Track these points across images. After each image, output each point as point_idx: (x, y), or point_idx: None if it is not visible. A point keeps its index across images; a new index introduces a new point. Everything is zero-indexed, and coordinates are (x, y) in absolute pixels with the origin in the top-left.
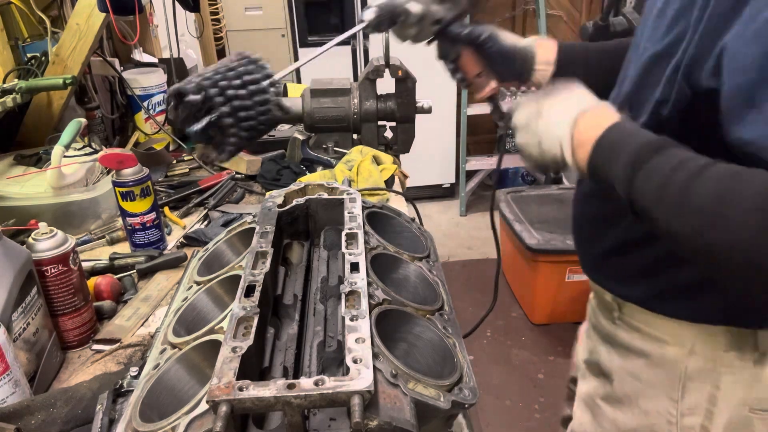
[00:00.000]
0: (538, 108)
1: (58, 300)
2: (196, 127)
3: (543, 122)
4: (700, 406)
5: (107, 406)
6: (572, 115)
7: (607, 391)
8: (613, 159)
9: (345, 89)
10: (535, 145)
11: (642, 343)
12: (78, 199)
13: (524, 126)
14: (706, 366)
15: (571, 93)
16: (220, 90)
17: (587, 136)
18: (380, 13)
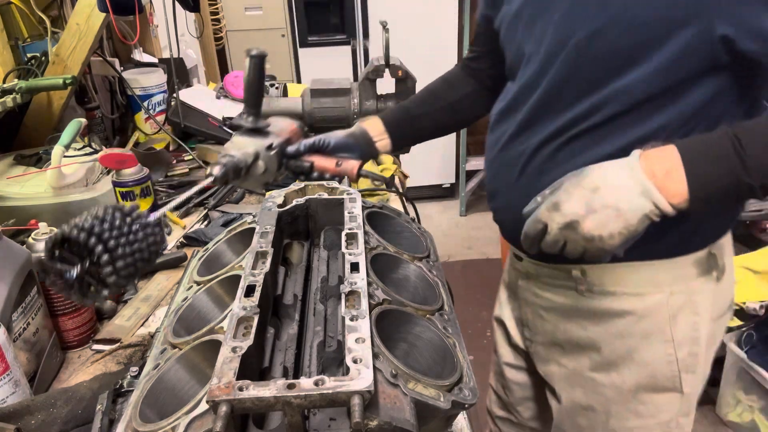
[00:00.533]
0: (589, 185)
1: (58, 300)
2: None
3: (608, 191)
4: (687, 336)
5: (107, 406)
6: (631, 164)
7: (596, 362)
8: (713, 160)
9: (345, 89)
10: (613, 218)
11: (621, 303)
12: (78, 199)
13: (587, 212)
14: (685, 300)
15: (601, 165)
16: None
17: (670, 168)
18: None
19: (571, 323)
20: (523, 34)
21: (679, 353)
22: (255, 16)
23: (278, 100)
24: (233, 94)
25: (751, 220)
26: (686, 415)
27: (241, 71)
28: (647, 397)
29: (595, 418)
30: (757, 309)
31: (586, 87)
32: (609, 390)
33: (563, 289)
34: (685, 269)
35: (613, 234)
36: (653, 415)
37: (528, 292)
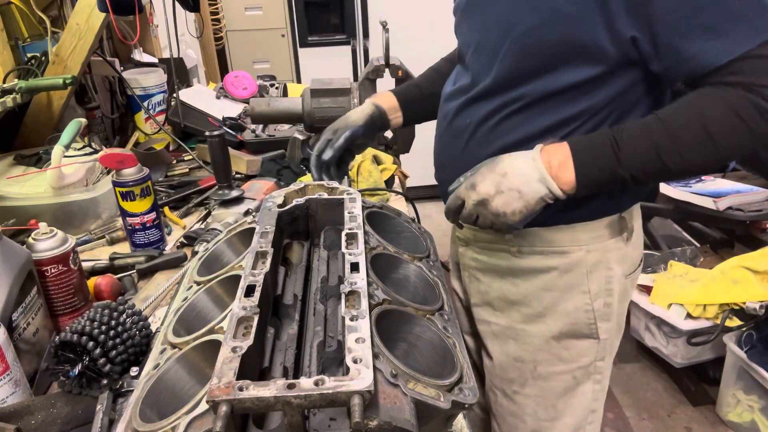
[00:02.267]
0: (499, 170)
1: (58, 300)
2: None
3: (514, 177)
4: (602, 288)
5: (107, 406)
6: (530, 154)
7: (525, 314)
8: (594, 155)
9: (345, 89)
10: (516, 199)
11: (548, 261)
12: (78, 199)
13: (496, 192)
14: (599, 257)
15: (510, 155)
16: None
17: (561, 161)
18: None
19: (504, 282)
20: (469, 25)
21: (595, 303)
22: (255, 16)
23: (278, 100)
24: (233, 94)
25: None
26: (603, 359)
27: (241, 71)
28: (570, 344)
29: (524, 368)
30: (757, 309)
31: (527, 75)
32: (537, 339)
33: (498, 252)
34: (600, 230)
35: (515, 211)
36: (575, 359)
37: (466, 258)
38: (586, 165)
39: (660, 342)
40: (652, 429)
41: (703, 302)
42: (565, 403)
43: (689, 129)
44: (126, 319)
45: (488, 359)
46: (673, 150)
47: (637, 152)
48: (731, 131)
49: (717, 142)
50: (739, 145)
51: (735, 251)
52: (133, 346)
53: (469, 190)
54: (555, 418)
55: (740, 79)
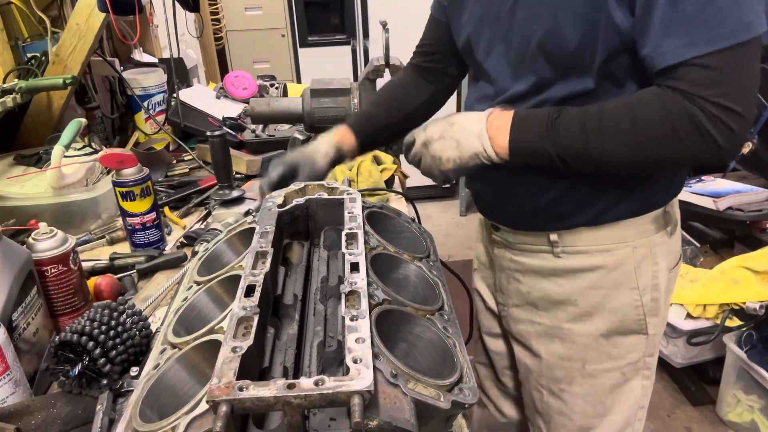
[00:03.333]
0: (447, 121)
1: (58, 300)
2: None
3: (458, 127)
4: (649, 283)
5: (107, 406)
6: (483, 114)
7: (572, 314)
8: (530, 127)
9: (345, 89)
10: (453, 147)
11: (593, 259)
12: (78, 199)
13: (439, 137)
14: (646, 252)
15: (469, 112)
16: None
17: (501, 124)
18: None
19: (546, 282)
20: (490, 36)
21: (643, 299)
22: (255, 16)
23: (278, 100)
24: (233, 94)
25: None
26: (651, 355)
27: (241, 71)
28: (618, 341)
29: (572, 367)
30: (757, 309)
31: (551, 81)
32: (585, 338)
33: (540, 253)
34: (646, 225)
35: (449, 159)
36: (624, 356)
37: (503, 259)
38: (519, 134)
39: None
40: (652, 429)
41: (703, 302)
42: (614, 400)
43: (619, 121)
44: (126, 319)
45: (532, 359)
46: (598, 137)
47: (567, 132)
48: (657, 133)
49: (640, 141)
50: (664, 149)
51: (735, 251)
52: (133, 346)
53: (421, 132)
54: (603, 415)
55: (680, 85)
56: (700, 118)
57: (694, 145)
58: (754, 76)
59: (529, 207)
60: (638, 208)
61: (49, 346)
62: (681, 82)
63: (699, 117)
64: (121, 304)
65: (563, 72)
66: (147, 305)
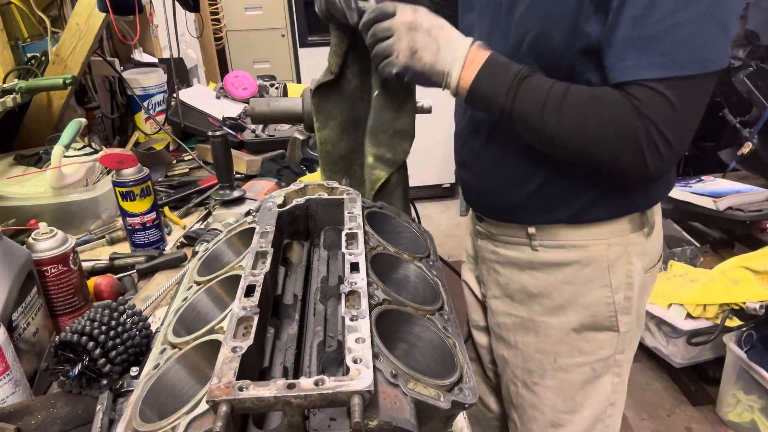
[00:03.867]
0: (441, 24)
1: (58, 300)
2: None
3: (446, 34)
4: (622, 282)
5: (107, 406)
6: (469, 41)
7: (546, 307)
8: (500, 74)
9: None
10: (433, 51)
11: (568, 254)
12: (78, 199)
13: (427, 29)
14: (620, 251)
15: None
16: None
17: (475, 58)
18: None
19: (524, 275)
20: (488, 30)
21: (616, 296)
22: (255, 16)
23: (278, 100)
24: (233, 94)
25: (751, 220)
26: (622, 352)
27: (241, 71)
28: (590, 336)
29: (545, 360)
30: (757, 309)
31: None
32: (557, 331)
33: (519, 246)
34: (622, 225)
35: (422, 60)
36: (594, 351)
37: (486, 251)
38: (486, 76)
39: (660, 342)
40: (652, 429)
41: (703, 302)
42: (585, 395)
43: (578, 109)
44: (126, 319)
45: (508, 350)
46: (553, 115)
47: (528, 95)
48: (603, 135)
49: (586, 135)
50: (601, 151)
51: (735, 251)
52: (133, 346)
53: (408, 10)
54: (574, 411)
55: (637, 103)
56: (642, 139)
57: (627, 161)
58: (699, 113)
59: (509, 198)
60: (617, 210)
61: (49, 346)
62: (637, 99)
63: (642, 138)
64: (121, 304)
65: (550, 72)
66: (147, 305)
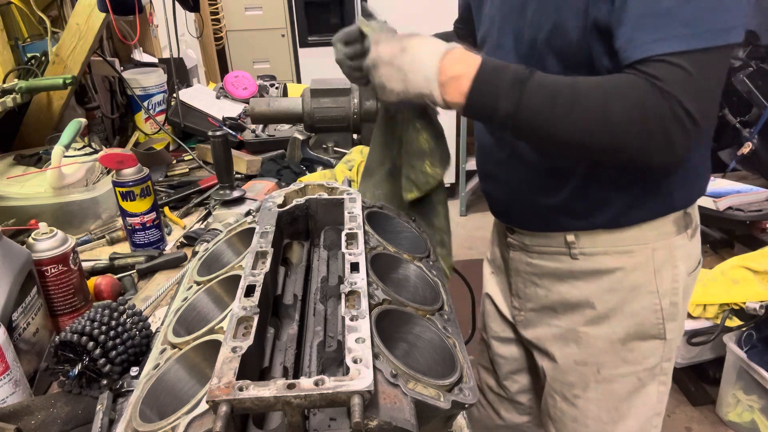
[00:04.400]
0: (402, 44)
1: (58, 300)
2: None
3: (409, 57)
4: (668, 287)
5: (107, 406)
6: (440, 51)
7: (589, 317)
8: (496, 84)
9: (345, 89)
10: (399, 80)
11: (611, 261)
12: (78, 199)
13: (388, 61)
14: (666, 255)
15: (431, 37)
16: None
17: (460, 70)
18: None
19: (564, 285)
20: (501, 31)
21: (662, 302)
22: (255, 16)
23: (278, 100)
24: (233, 94)
25: (751, 220)
26: (669, 360)
27: (241, 71)
28: (635, 345)
29: (587, 371)
30: (757, 309)
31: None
32: (601, 342)
33: (557, 255)
34: (666, 227)
35: (393, 91)
36: (640, 361)
37: (519, 263)
38: (483, 88)
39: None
40: None
41: (703, 302)
42: (629, 405)
43: (592, 103)
44: (126, 319)
45: (548, 362)
46: (565, 115)
47: (533, 99)
48: (628, 124)
49: (609, 129)
50: (628, 141)
51: (735, 251)
52: (133, 346)
53: (373, 44)
54: (618, 421)
55: (657, 81)
56: (669, 119)
57: (656, 146)
58: (720, 87)
59: (543, 207)
60: (657, 210)
61: (49, 346)
62: (657, 78)
63: (668, 118)
64: (121, 304)
65: (570, 67)
66: (147, 305)
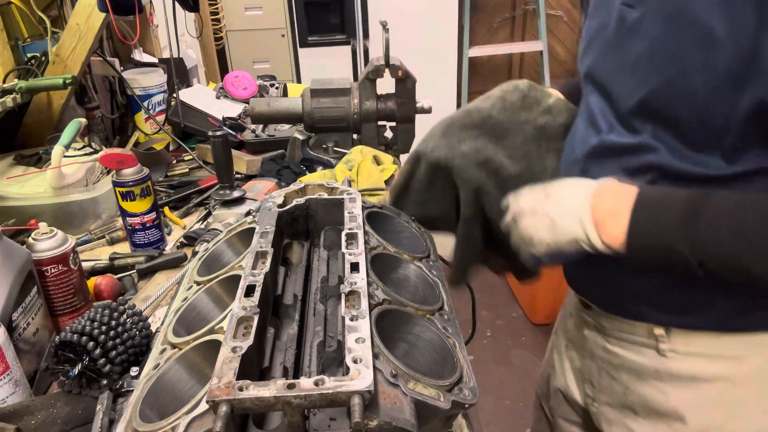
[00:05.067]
0: (545, 191)
1: (58, 300)
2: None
3: (553, 202)
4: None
5: (107, 406)
6: (589, 188)
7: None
8: (661, 220)
9: (345, 89)
10: (546, 227)
11: (713, 368)
12: (78, 199)
13: (531, 210)
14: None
15: (574, 178)
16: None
17: (616, 206)
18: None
19: (647, 386)
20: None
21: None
22: (255, 16)
23: (278, 100)
24: (233, 94)
25: None
26: None
27: (241, 71)
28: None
29: None
30: None
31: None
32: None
33: (640, 347)
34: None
35: (542, 241)
36: None
37: (595, 346)
38: (644, 225)
39: None
40: None
41: None
42: None
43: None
44: (126, 319)
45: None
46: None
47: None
48: None
49: None
50: None
51: None
52: (133, 346)
53: (513, 200)
54: None
55: None
56: None
57: None
58: None
59: (626, 289)
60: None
61: (49, 346)
62: None
63: None
64: (121, 304)
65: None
66: (147, 305)
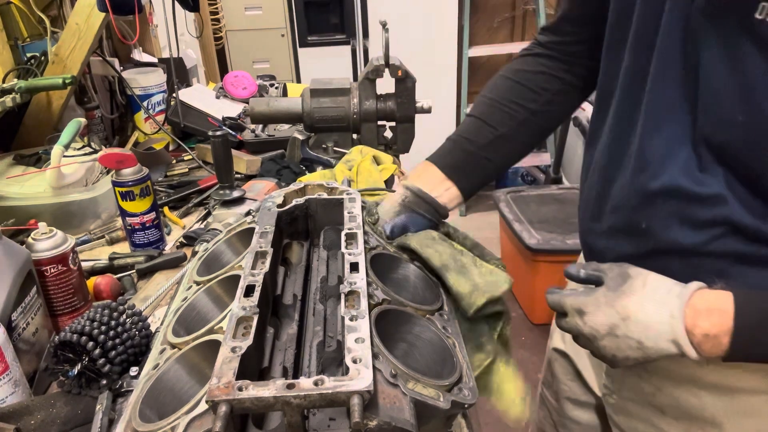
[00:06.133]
0: (618, 312)
1: (57, 300)
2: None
3: (638, 326)
4: None
5: (107, 406)
6: (676, 308)
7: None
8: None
9: (345, 89)
10: (632, 348)
11: (752, 380)
12: (78, 199)
13: (608, 333)
14: None
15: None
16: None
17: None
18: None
19: (681, 391)
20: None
21: None
22: (255, 16)
23: (278, 100)
24: (233, 94)
25: None
26: None
27: (241, 71)
28: None
29: None
30: None
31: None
32: None
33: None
34: None
35: (629, 358)
36: None
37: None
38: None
39: None
40: None
41: None
42: None
43: None
44: (126, 319)
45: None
46: None
47: None
48: None
49: None
50: None
51: None
52: (133, 346)
53: (576, 317)
54: None
55: None
56: None
57: None
58: None
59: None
60: None
61: (49, 346)
62: None
63: None
64: (120, 304)
65: (756, 185)
66: (147, 305)
